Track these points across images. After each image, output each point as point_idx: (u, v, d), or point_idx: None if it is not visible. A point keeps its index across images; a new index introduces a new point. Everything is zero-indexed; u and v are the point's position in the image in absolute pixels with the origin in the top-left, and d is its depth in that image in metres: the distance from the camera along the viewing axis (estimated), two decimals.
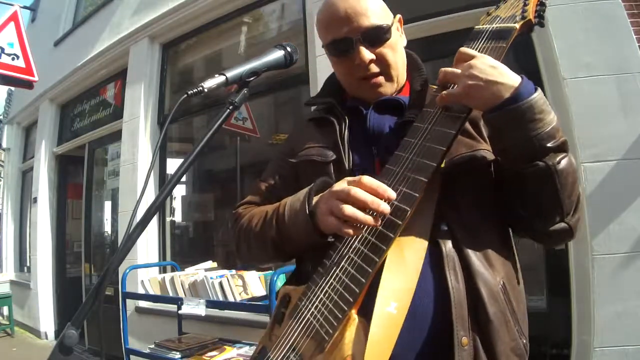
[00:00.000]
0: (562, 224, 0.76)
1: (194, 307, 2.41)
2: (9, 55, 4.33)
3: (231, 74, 0.74)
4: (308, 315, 0.74)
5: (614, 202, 1.96)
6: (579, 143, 2.02)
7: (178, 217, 4.04)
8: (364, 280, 0.68)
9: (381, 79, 0.89)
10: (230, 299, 2.47)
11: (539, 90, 0.71)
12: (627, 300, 1.91)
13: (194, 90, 0.70)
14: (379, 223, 0.69)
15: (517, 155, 0.72)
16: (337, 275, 0.73)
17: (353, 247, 0.73)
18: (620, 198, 1.96)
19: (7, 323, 5.64)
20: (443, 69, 0.75)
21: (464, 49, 0.76)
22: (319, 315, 0.72)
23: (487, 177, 0.81)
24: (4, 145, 6.94)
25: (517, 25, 0.79)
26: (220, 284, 2.63)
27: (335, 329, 0.68)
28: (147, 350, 2.56)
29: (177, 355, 2.38)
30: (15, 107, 6.72)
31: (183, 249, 4.07)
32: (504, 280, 0.76)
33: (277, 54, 0.81)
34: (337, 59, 0.91)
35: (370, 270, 0.68)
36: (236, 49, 3.77)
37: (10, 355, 4.77)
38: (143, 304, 3.51)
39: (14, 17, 4.53)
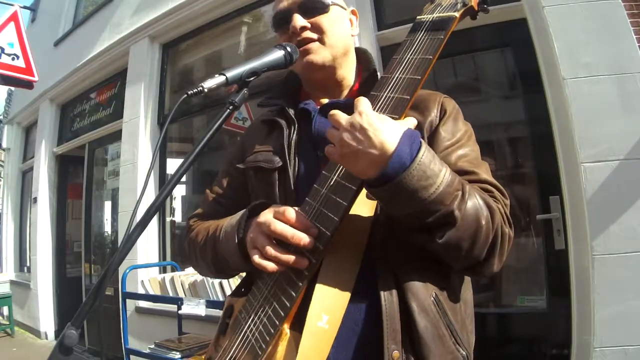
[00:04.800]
0: (473, 268, 0.74)
1: (194, 307, 2.41)
2: (9, 55, 4.33)
3: (231, 74, 0.73)
4: (246, 328, 0.75)
5: (614, 202, 1.96)
6: (579, 143, 2.02)
7: (178, 217, 4.03)
8: (294, 294, 0.68)
9: (313, 45, 0.87)
10: None
11: (422, 152, 0.63)
12: (627, 300, 1.90)
13: (194, 90, 0.70)
14: (304, 263, 0.68)
15: (403, 224, 0.70)
16: (271, 288, 0.73)
17: None
18: (620, 198, 1.96)
19: (7, 323, 5.64)
20: (331, 116, 0.69)
21: (357, 101, 0.68)
22: (254, 329, 0.72)
23: None
24: (4, 145, 6.94)
25: (457, 14, 0.76)
26: (220, 284, 2.63)
27: (268, 344, 0.69)
28: (147, 350, 2.56)
29: (177, 355, 2.38)
30: (15, 107, 6.72)
31: (183, 249, 4.06)
32: (436, 292, 0.74)
33: (277, 54, 0.81)
34: (278, 32, 0.93)
35: (300, 284, 0.68)
36: (236, 49, 3.77)
37: (10, 355, 4.76)
38: (143, 304, 3.51)
39: (14, 17, 4.54)
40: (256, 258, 0.71)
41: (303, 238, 0.68)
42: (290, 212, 0.71)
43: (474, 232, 0.68)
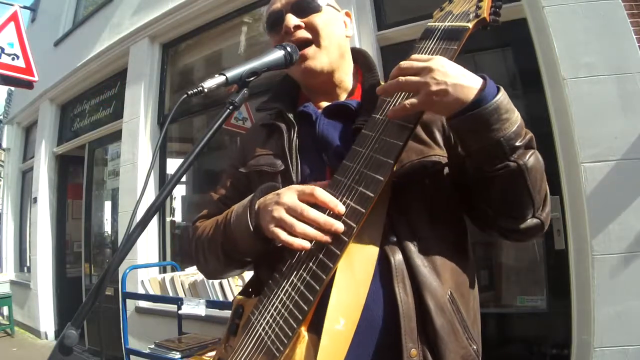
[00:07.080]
0: (534, 220, 0.76)
1: (194, 307, 2.41)
2: (9, 55, 4.33)
3: (231, 74, 0.74)
4: (260, 330, 0.74)
5: (614, 202, 1.96)
6: (579, 143, 2.02)
7: (178, 217, 4.04)
8: (312, 299, 0.68)
9: (309, 51, 0.87)
10: (230, 298, 2.47)
11: (502, 89, 0.69)
12: (627, 300, 1.90)
13: (194, 90, 0.70)
14: (330, 239, 0.70)
15: (487, 158, 0.70)
16: (287, 290, 0.72)
17: (302, 262, 0.73)
18: (620, 198, 1.96)
19: (7, 323, 5.64)
20: (402, 65, 0.71)
21: (415, 56, 0.71)
22: (270, 331, 0.72)
23: (439, 184, 0.80)
24: (4, 145, 6.94)
25: (470, 25, 0.75)
26: (220, 284, 2.63)
27: (285, 346, 0.69)
28: (147, 350, 2.56)
29: (177, 355, 2.39)
30: (15, 107, 6.72)
31: (187, 252, 4.05)
32: (451, 290, 0.75)
33: (277, 54, 0.81)
34: (272, 34, 0.93)
35: (318, 288, 0.68)
36: (236, 49, 3.77)
37: (10, 355, 4.77)
38: (143, 304, 3.51)
39: (14, 17, 4.54)
40: (282, 234, 0.71)
41: (335, 224, 0.69)
42: (319, 192, 0.71)
43: (541, 165, 0.73)
